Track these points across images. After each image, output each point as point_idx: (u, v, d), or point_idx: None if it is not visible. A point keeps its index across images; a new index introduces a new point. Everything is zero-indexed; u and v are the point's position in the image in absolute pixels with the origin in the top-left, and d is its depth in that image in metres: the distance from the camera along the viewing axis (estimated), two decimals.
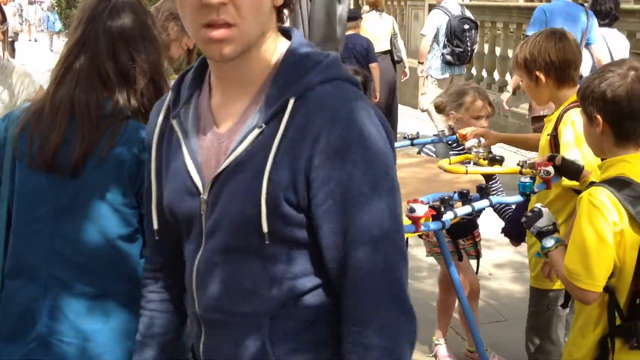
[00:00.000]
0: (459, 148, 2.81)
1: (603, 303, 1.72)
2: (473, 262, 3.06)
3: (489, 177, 2.55)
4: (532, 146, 2.60)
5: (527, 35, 4.80)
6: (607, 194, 1.65)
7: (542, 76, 2.27)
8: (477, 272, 3.06)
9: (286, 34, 1.13)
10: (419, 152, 2.94)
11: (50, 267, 1.46)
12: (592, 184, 1.77)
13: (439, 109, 3.04)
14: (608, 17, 4.87)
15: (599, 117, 1.72)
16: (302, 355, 1.12)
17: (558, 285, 2.29)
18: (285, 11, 1.11)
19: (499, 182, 2.92)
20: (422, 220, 1.90)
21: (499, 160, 2.51)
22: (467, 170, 2.50)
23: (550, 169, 2.06)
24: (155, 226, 1.19)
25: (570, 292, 1.76)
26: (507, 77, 7.40)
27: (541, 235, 1.83)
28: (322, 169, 1.02)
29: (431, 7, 7.10)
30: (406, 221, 1.92)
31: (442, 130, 2.87)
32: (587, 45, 4.79)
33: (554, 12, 4.87)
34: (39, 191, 1.48)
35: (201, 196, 1.10)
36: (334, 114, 1.03)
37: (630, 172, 1.69)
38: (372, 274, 1.05)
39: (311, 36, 2.35)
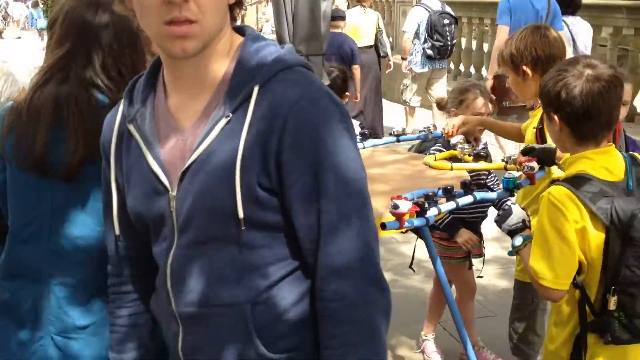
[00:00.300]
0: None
1: (574, 299, 1.73)
2: (479, 261, 3.06)
3: (488, 173, 2.56)
4: (511, 136, 2.63)
5: (497, 25, 5.22)
6: (566, 192, 1.65)
7: (528, 70, 2.29)
8: (482, 270, 3.06)
9: (239, 31, 1.17)
10: (423, 152, 2.91)
11: (50, 267, 1.46)
12: (553, 182, 1.78)
13: (440, 106, 3.05)
14: (571, 5, 5.03)
15: (556, 117, 1.74)
16: (288, 339, 1.14)
17: None
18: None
19: (495, 176, 2.93)
20: (407, 217, 1.91)
21: (484, 156, 2.53)
22: (452, 167, 2.51)
23: (534, 164, 2.07)
24: (117, 232, 1.21)
25: (537, 290, 1.77)
26: None
27: (511, 233, 1.84)
28: (292, 151, 1.06)
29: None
30: (390, 218, 1.93)
31: (428, 127, 2.87)
32: None
33: (518, 2, 5.08)
34: (33, 192, 1.47)
35: (170, 193, 1.12)
36: (299, 98, 1.07)
37: (591, 169, 1.69)
38: (344, 251, 1.08)
39: (295, 33, 2.34)
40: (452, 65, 8.63)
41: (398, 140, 2.88)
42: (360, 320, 1.09)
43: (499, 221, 1.87)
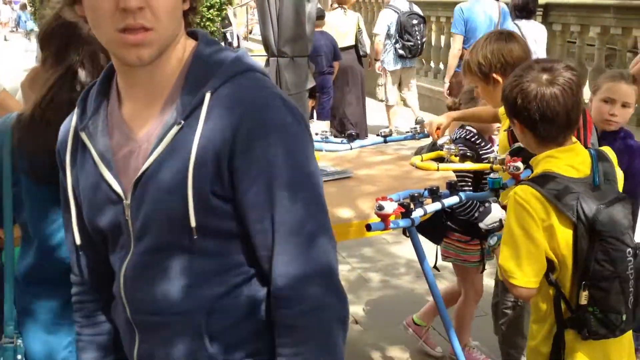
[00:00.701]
0: (487, 146, 2.79)
1: (550, 297, 1.74)
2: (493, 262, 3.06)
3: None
4: (489, 121, 2.62)
5: (453, 33, 5.73)
6: (532, 191, 1.67)
7: (499, 77, 2.31)
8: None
9: (193, 35, 1.15)
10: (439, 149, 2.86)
11: None
12: (520, 182, 1.80)
13: (452, 109, 3.02)
14: (525, 10, 5.39)
15: (516, 121, 1.77)
16: (243, 346, 1.12)
17: None
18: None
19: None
20: (392, 218, 1.91)
21: (470, 157, 2.53)
22: (438, 167, 2.52)
23: (519, 164, 2.08)
24: (78, 241, 1.19)
25: (508, 288, 1.79)
26: None
27: (488, 232, 1.86)
28: (244, 157, 1.04)
29: None
30: (375, 219, 1.93)
31: (414, 127, 2.87)
32: None
33: (470, 10, 5.60)
34: (53, 202, 1.45)
35: (124, 202, 1.10)
36: (251, 103, 1.05)
37: (557, 167, 1.72)
38: (300, 257, 1.06)
39: (280, 35, 2.33)
40: (432, 64, 8.72)
41: (385, 142, 2.88)
42: (316, 328, 1.07)
43: (478, 219, 1.89)
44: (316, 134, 3.14)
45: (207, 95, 1.06)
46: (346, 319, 1.11)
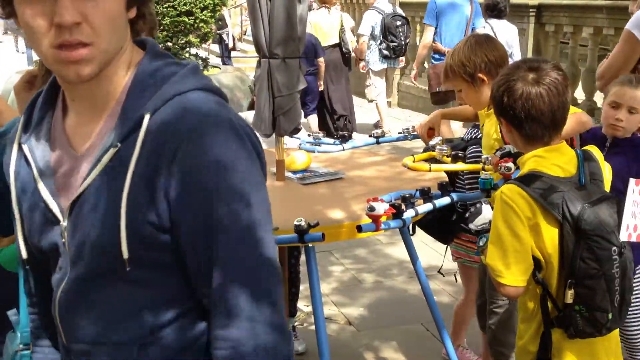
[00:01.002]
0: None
1: (537, 295, 1.75)
2: None
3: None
4: (470, 118, 2.65)
5: (425, 24, 6.05)
6: (518, 190, 1.68)
7: (484, 77, 2.33)
8: None
9: (141, 44, 1.08)
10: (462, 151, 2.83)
11: None
12: (507, 181, 1.81)
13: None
14: (495, 9, 5.74)
15: (503, 120, 1.79)
16: None
17: None
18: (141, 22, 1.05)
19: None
20: (383, 219, 1.91)
21: (462, 158, 2.54)
22: (430, 168, 2.53)
23: (511, 164, 2.08)
24: (25, 255, 1.12)
25: (496, 287, 1.79)
26: None
27: (478, 233, 1.87)
28: (181, 186, 0.96)
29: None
30: (367, 220, 1.93)
31: (407, 129, 2.87)
32: (473, 30, 5.83)
33: (443, 4, 5.90)
34: None
35: (61, 223, 1.04)
36: (192, 127, 0.96)
37: (542, 166, 1.73)
38: (239, 292, 0.98)
39: (272, 36, 2.32)
40: (425, 65, 8.78)
41: (378, 143, 2.89)
42: None
43: (468, 220, 1.90)
44: (309, 135, 3.14)
45: (146, 117, 0.97)
46: (289, 356, 1.03)
